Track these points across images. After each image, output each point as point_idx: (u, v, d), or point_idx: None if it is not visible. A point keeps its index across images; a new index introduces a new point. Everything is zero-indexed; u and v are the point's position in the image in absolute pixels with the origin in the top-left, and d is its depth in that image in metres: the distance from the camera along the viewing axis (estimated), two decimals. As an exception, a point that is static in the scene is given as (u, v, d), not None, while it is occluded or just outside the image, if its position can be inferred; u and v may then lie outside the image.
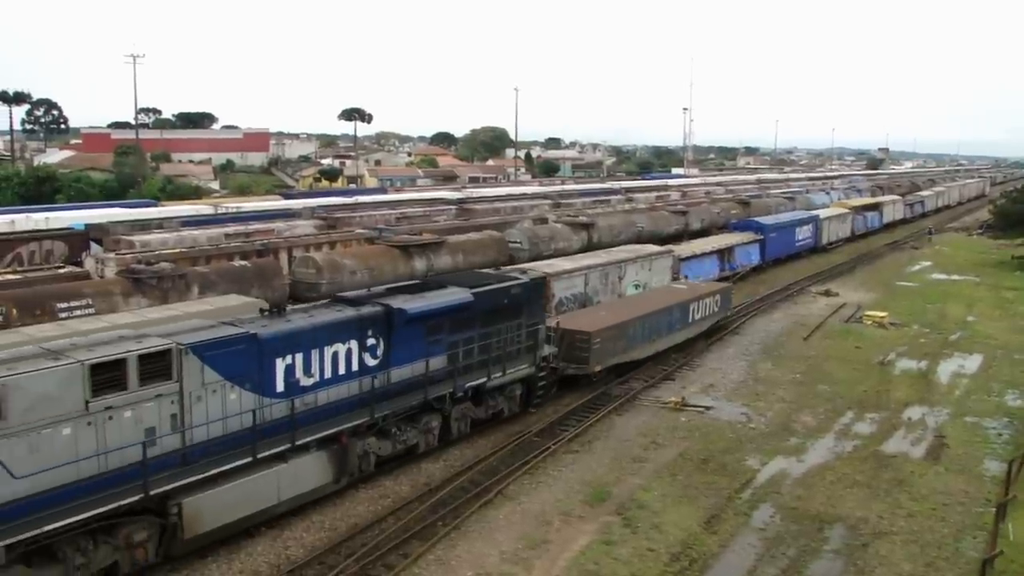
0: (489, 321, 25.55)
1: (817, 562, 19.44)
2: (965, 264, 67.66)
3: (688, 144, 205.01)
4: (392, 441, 22.97)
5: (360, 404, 21.78)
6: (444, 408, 24.52)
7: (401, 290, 24.78)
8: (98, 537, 16.62)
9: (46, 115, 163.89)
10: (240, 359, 18.80)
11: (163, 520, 17.58)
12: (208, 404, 18.25)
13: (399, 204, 63.79)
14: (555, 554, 19.31)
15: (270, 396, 19.55)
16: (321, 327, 20.83)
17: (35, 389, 15.31)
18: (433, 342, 23.77)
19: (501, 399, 26.95)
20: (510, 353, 26.41)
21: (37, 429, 15.38)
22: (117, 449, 16.55)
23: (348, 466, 21.58)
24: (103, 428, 16.36)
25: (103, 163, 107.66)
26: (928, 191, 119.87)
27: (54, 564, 15.93)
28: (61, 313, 26.06)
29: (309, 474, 20.51)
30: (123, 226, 43.31)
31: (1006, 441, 27.31)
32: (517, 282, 27.27)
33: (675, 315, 36.03)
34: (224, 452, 18.44)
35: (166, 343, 17.49)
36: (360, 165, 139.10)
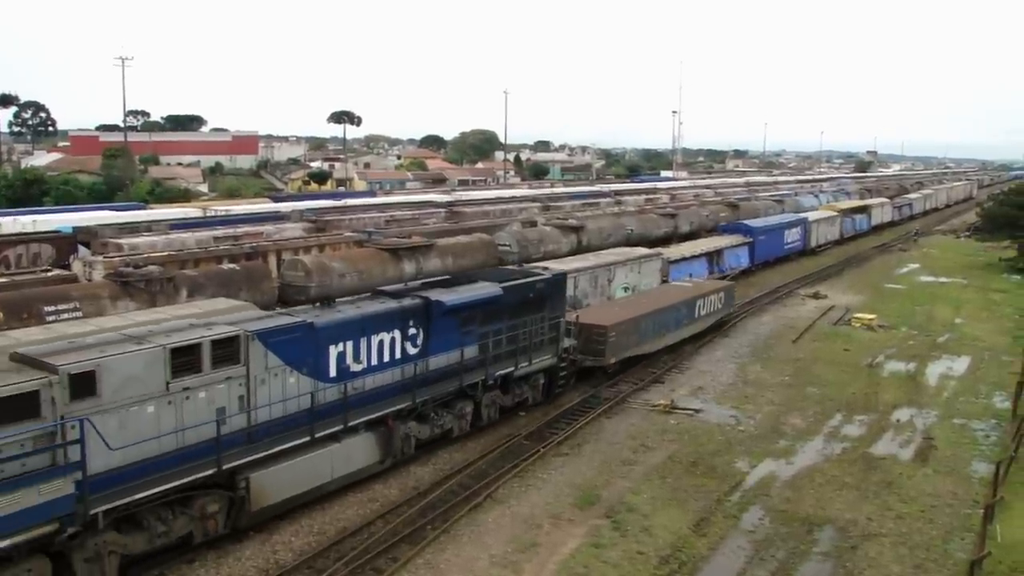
0: (516, 314, 26.97)
1: (806, 564, 19.48)
2: (953, 266, 67.95)
3: (677, 147, 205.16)
4: (430, 425, 24.47)
5: (402, 390, 23.32)
6: (476, 395, 26.04)
7: (435, 284, 26.44)
8: (176, 508, 18.04)
9: (34, 117, 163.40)
10: (298, 346, 20.30)
11: (232, 493, 19.02)
12: (270, 387, 19.76)
13: (388, 207, 63.62)
14: (544, 557, 19.29)
15: (324, 380, 21.06)
16: (368, 317, 22.41)
17: (124, 370, 16.74)
18: (466, 333, 25.23)
19: (526, 388, 28.44)
20: (535, 344, 27.85)
21: (126, 406, 16.84)
22: (193, 427, 18.00)
23: (393, 448, 23.14)
24: (181, 407, 17.85)
25: (91, 166, 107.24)
26: (916, 194, 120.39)
27: (139, 532, 17.44)
28: (48, 316, 25.90)
29: (359, 454, 22.11)
30: (111, 229, 43.07)
31: (994, 443, 27.42)
32: (541, 277, 28.86)
33: (683, 311, 37.73)
34: (284, 432, 19.97)
35: (235, 330, 19.04)
36: (349, 168, 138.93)
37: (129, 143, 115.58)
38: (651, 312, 35.25)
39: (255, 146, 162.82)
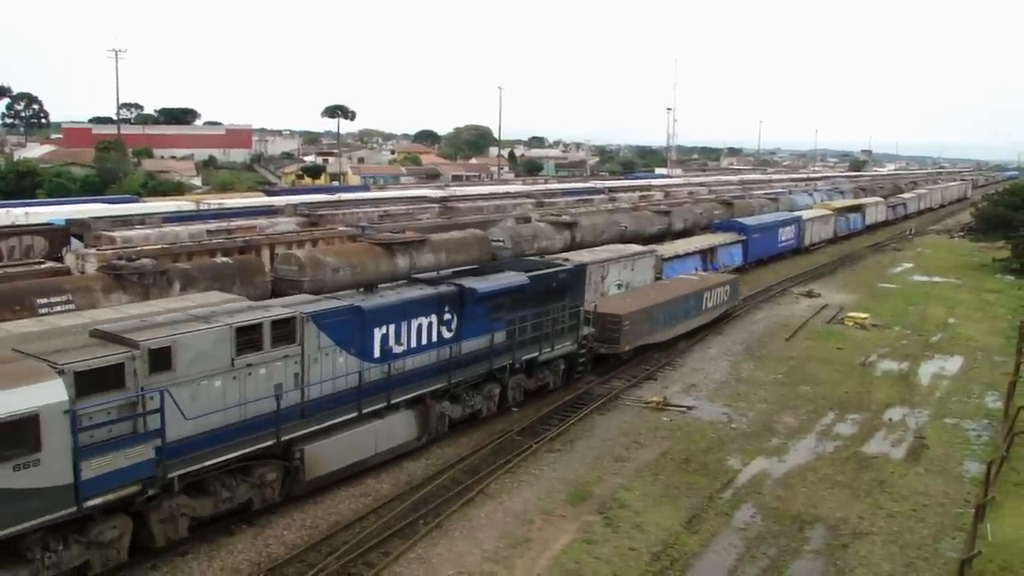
0: (540, 302, 28.26)
1: (798, 562, 19.51)
2: (946, 266, 68.10)
3: (672, 144, 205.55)
4: (462, 405, 26.03)
5: (438, 371, 24.67)
6: (503, 378, 27.46)
7: (466, 273, 27.54)
8: (238, 476, 19.44)
9: (26, 109, 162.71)
10: (347, 328, 21.74)
11: (287, 464, 20.42)
12: (322, 365, 21.14)
13: (382, 202, 63.54)
14: (536, 553, 19.30)
15: (369, 360, 22.45)
16: (409, 302, 23.80)
17: (195, 346, 18.09)
18: (495, 319, 26.55)
19: (548, 372, 29.85)
20: (557, 331, 29.23)
21: (197, 380, 18.17)
22: (254, 400, 19.34)
23: (429, 425, 24.55)
24: (244, 382, 19.18)
25: (84, 158, 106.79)
26: (910, 193, 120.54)
27: (207, 496, 18.84)
28: (41, 309, 25.85)
29: (400, 430, 23.57)
30: (104, 222, 42.94)
31: (985, 443, 27.49)
32: (563, 268, 30.17)
33: (691, 303, 39.40)
34: (334, 407, 21.38)
35: (292, 311, 20.45)
36: (343, 162, 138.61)
37: (122, 136, 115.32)
38: (662, 303, 36.84)
39: (249, 140, 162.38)
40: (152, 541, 17.97)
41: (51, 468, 15.35)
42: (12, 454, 14.79)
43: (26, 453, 14.97)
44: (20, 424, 14.85)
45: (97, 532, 16.74)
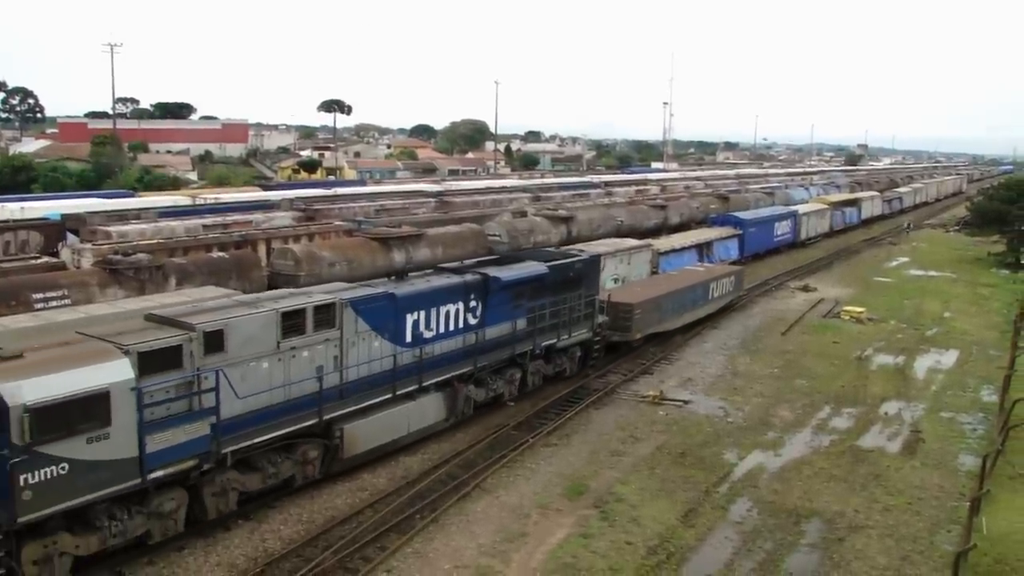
0: (558, 291, 29.23)
1: (794, 556, 19.55)
2: (942, 260, 68.19)
3: (668, 139, 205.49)
4: (486, 389, 27.13)
5: (464, 356, 25.71)
6: (524, 363, 28.51)
7: (488, 263, 28.83)
8: (282, 453, 20.54)
9: (22, 104, 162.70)
10: (382, 313, 22.78)
11: (327, 442, 21.52)
12: (359, 349, 22.18)
13: (378, 196, 63.45)
14: (533, 547, 19.33)
15: (402, 345, 23.47)
16: (438, 290, 24.83)
17: (245, 330, 19.14)
18: (517, 307, 27.58)
19: (564, 359, 30.85)
20: (574, 319, 30.23)
21: (246, 361, 19.18)
22: (298, 382, 20.37)
23: (456, 408, 25.68)
24: (289, 364, 20.20)
25: (80, 153, 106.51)
26: (906, 187, 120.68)
27: (255, 472, 19.96)
28: (37, 304, 25.79)
29: (430, 411, 24.76)
30: (100, 216, 42.84)
31: (981, 436, 27.55)
32: (579, 258, 31.24)
33: (698, 292, 40.70)
34: (370, 389, 22.49)
35: (332, 297, 21.49)
36: (339, 157, 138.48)
37: (118, 130, 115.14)
38: (671, 292, 38.18)
39: (245, 134, 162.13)
40: (204, 514, 19.00)
41: (119, 442, 16.53)
42: (86, 427, 15.95)
43: (98, 427, 16.14)
44: (93, 400, 15.98)
45: (157, 503, 17.84)
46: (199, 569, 18.01)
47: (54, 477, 15.58)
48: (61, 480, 15.69)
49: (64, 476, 15.70)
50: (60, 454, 15.61)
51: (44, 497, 15.54)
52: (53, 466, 15.55)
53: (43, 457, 15.40)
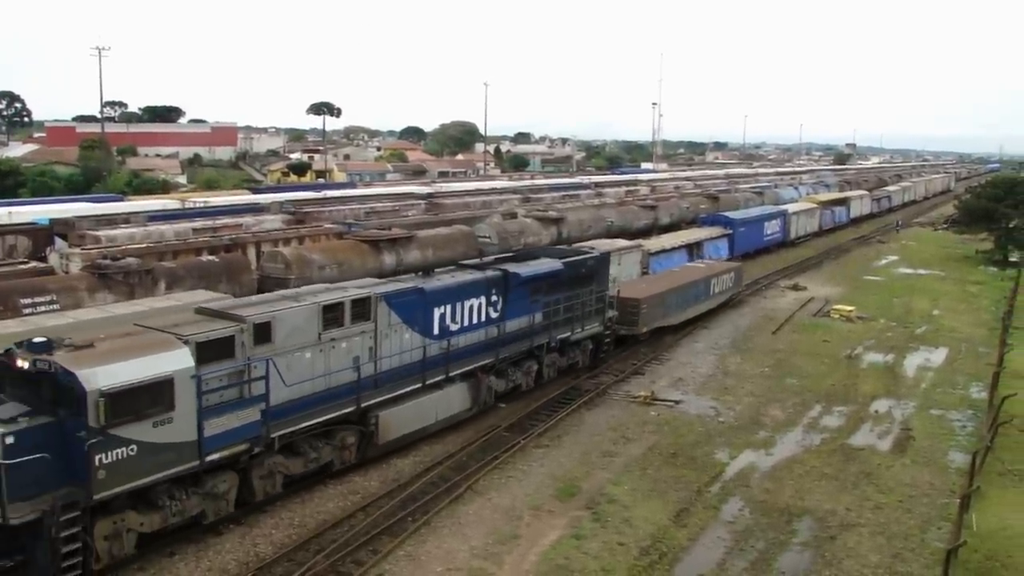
0: (572, 286, 30.44)
1: (786, 554, 19.59)
2: (931, 258, 68.46)
3: (657, 139, 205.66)
4: (506, 380, 28.23)
5: (486, 348, 26.89)
6: (540, 356, 29.70)
7: (507, 259, 30.19)
8: (322, 439, 21.74)
9: (9, 108, 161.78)
10: (412, 307, 23.97)
11: (363, 428, 22.74)
12: (391, 340, 23.36)
13: (368, 199, 63.35)
14: (525, 548, 19.32)
15: (430, 337, 24.61)
16: (462, 285, 25.98)
17: (290, 322, 20.35)
18: (534, 302, 28.65)
19: (577, 352, 32.07)
20: (586, 313, 31.38)
21: (291, 352, 20.34)
22: (337, 371, 21.57)
23: (480, 397, 26.84)
24: (328, 355, 21.39)
25: (68, 157, 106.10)
26: (894, 186, 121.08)
27: (297, 457, 21.10)
28: (25, 309, 25.67)
29: (456, 400, 25.95)
30: (88, 221, 42.68)
31: (970, 433, 27.66)
32: (591, 255, 32.49)
33: (700, 288, 42.07)
34: (401, 379, 23.65)
35: (367, 292, 22.79)
36: (329, 159, 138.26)
37: (106, 134, 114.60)
38: (675, 288, 39.52)
39: (234, 137, 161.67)
40: (252, 495, 20.14)
41: (181, 426, 17.68)
42: (152, 412, 17.11)
43: (163, 412, 17.30)
44: (159, 386, 17.16)
45: (212, 485, 18.93)
46: (190, 574, 17.93)
47: (124, 458, 16.71)
48: (130, 461, 16.81)
49: (133, 457, 16.85)
50: (130, 436, 16.74)
51: (116, 476, 16.63)
52: (123, 448, 16.67)
53: (115, 439, 16.49)
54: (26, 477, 15.75)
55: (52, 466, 16.06)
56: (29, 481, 15.80)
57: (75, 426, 16.19)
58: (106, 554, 17.17)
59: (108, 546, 17.17)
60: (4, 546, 16.03)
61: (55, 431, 16.24)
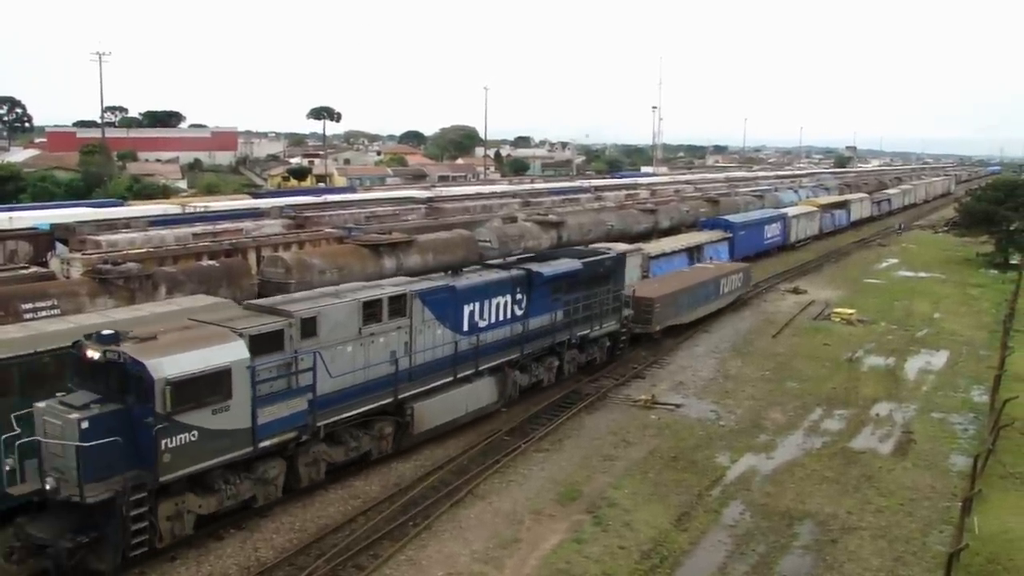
0: (591, 285, 31.55)
1: (787, 558, 19.58)
2: (931, 261, 68.42)
3: (657, 143, 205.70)
4: (529, 375, 29.45)
5: (511, 344, 28.01)
6: (561, 352, 30.76)
7: (529, 259, 31.21)
8: (362, 429, 22.89)
9: (9, 113, 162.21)
10: (444, 304, 25.08)
11: (399, 419, 23.83)
12: (425, 336, 24.50)
13: (368, 203, 63.28)
14: (526, 553, 19.31)
15: (460, 333, 25.76)
16: (490, 283, 27.18)
17: (334, 317, 21.54)
18: (556, 300, 29.76)
19: (595, 349, 33.08)
20: (604, 312, 32.54)
21: (334, 345, 21.52)
22: (376, 364, 22.75)
23: (506, 391, 27.99)
24: (368, 349, 22.57)
25: (68, 162, 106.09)
26: (895, 189, 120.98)
27: (339, 445, 22.28)
28: (26, 314, 25.64)
29: (484, 394, 27.11)
30: (89, 226, 42.61)
31: (972, 436, 27.64)
32: (608, 256, 33.74)
33: (710, 288, 43.33)
34: (434, 372, 24.82)
35: (403, 289, 23.99)
36: (329, 164, 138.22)
37: (107, 139, 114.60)
38: (687, 288, 40.76)
39: (234, 142, 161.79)
40: (298, 482, 21.23)
41: (238, 414, 18.83)
42: (212, 400, 18.25)
43: (221, 400, 18.43)
44: (218, 375, 18.29)
45: (263, 471, 20.09)
46: (191, 579, 17.95)
47: (187, 443, 17.84)
48: (192, 446, 17.94)
49: (194, 442, 17.97)
50: (192, 423, 17.87)
51: (179, 460, 17.77)
52: (186, 433, 17.79)
53: (179, 425, 17.63)
54: (100, 460, 16.83)
55: (122, 450, 17.18)
56: (102, 463, 16.91)
57: (143, 412, 17.33)
58: (168, 534, 18.24)
59: (170, 526, 18.23)
60: (81, 523, 17.03)
61: (124, 417, 17.36)
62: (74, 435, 16.66)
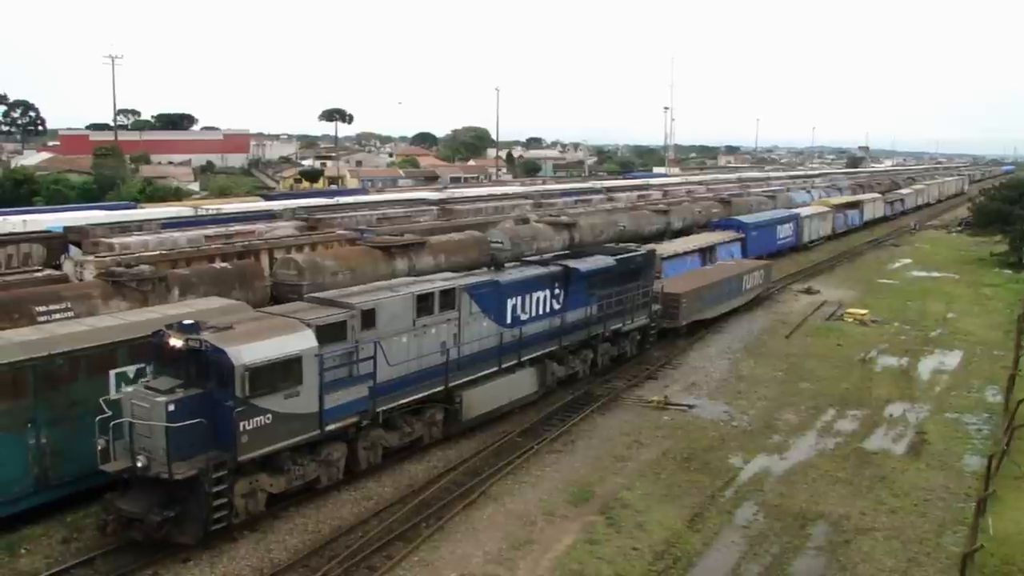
0: (623, 281, 32.74)
1: (800, 559, 19.54)
2: (944, 261, 68.12)
3: (669, 143, 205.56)
4: (566, 367, 30.56)
5: (550, 337, 29.23)
6: (595, 345, 31.97)
7: (565, 256, 32.80)
8: (414, 416, 24.18)
9: (23, 116, 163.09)
10: (489, 298, 26.38)
11: (448, 407, 25.13)
12: (472, 328, 25.73)
13: (380, 205, 63.34)
14: (539, 554, 19.32)
15: (504, 325, 26.99)
16: (530, 278, 28.50)
17: (390, 309, 22.89)
18: (591, 295, 30.99)
19: (627, 342, 34.33)
20: (635, 307, 33.80)
21: (391, 336, 22.79)
22: (428, 354, 24.02)
23: (545, 382, 29.20)
24: (421, 339, 23.89)
25: (81, 165, 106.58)
26: (908, 189, 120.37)
27: (395, 431, 23.59)
28: (40, 317, 25.73)
29: (526, 383, 28.33)
30: (102, 228, 42.77)
31: (986, 437, 27.52)
32: (639, 253, 35.21)
33: (734, 284, 44.68)
34: (481, 362, 26.13)
35: (453, 284, 25.32)
36: (341, 166, 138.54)
37: (119, 142, 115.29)
38: (711, 284, 42.13)
39: (246, 144, 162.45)
40: (357, 464, 22.49)
41: (307, 399, 20.08)
42: (285, 385, 19.47)
43: (293, 385, 19.66)
44: (290, 363, 19.55)
45: (327, 453, 21.39)
46: (205, 580, 18.01)
47: (262, 425, 19.05)
48: (266, 428, 19.17)
49: (268, 425, 19.19)
50: (267, 407, 19.11)
51: (255, 441, 18.98)
52: (262, 416, 19.01)
53: (255, 408, 18.86)
54: (185, 440, 18.07)
55: (204, 431, 18.38)
56: (187, 443, 18.13)
57: (223, 396, 18.56)
58: (243, 510, 19.46)
59: (245, 503, 19.44)
60: (165, 499, 18.26)
61: (205, 401, 18.57)
62: (161, 417, 17.92)
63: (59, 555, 18.77)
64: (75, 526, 19.87)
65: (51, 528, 19.77)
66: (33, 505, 19.74)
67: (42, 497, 19.86)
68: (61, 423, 19.97)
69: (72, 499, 20.47)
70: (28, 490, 19.55)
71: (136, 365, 21.21)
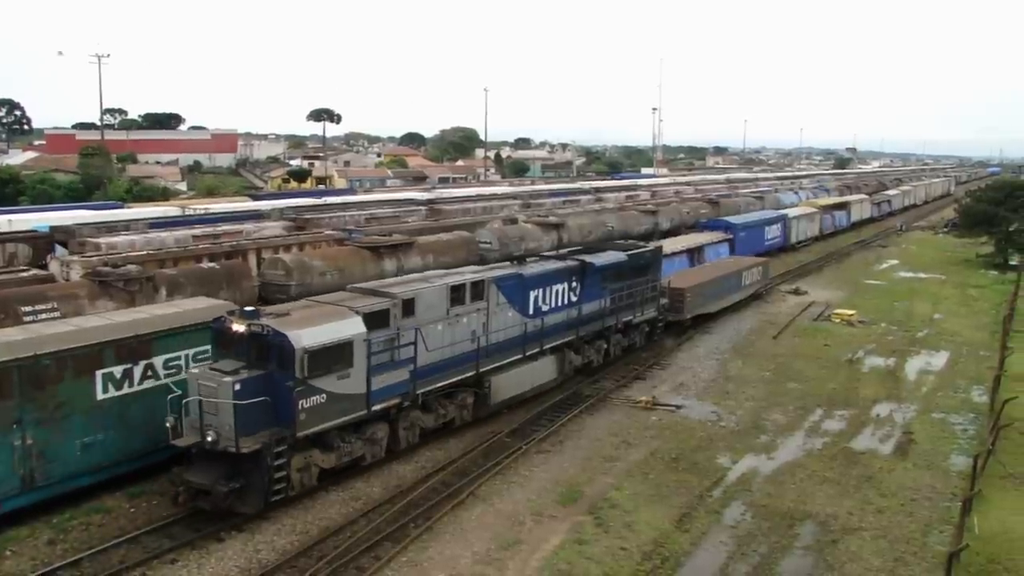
0: (633, 276, 34.44)
1: (788, 559, 19.59)
2: (931, 262, 68.40)
3: (658, 144, 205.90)
4: (582, 356, 32.20)
5: (568, 327, 30.71)
6: (608, 336, 33.61)
7: (580, 252, 33.99)
8: (447, 399, 25.77)
9: (8, 116, 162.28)
10: (514, 289, 27.85)
11: (477, 391, 26.73)
12: (499, 318, 27.20)
13: (368, 205, 63.26)
14: (527, 554, 19.32)
15: (526, 316, 28.47)
16: (550, 272, 29.99)
17: (428, 298, 24.30)
18: (604, 288, 32.53)
19: (636, 334, 36.00)
20: (644, 300, 35.49)
21: (428, 324, 24.17)
22: (460, 342, 25.47)
23: (564, 370, 30.82)
24: (454, 328, 25.29)
25: (68, 164, 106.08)
26: (895, 190, 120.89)
27: (430, 413, 25.20)
28: (26, 317, 25.60)
29: (547, 371, 29.93)
30: (89, 228, 42.59)
31: (972, 436, 27.65)
32: (648, 249, 36.88)
33: (734, 280, 46.59)
34: (507, 350, 27.62)
35: (482, 276, 26.80)
36: (329, 166, 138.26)
37: (106, 141, 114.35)
38: (714, 280, 44.06)
39: (234, 144, 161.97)
40: (397, 444, 23.98)
41: (356, 380, 21.61)
42: (338, 367, 20.99)
43: (344, 367, 21.19)
44: (343, 346, 21.12)
45: (371, 432, 22.96)
46: (193, 581, 17.95)
47: (317, 404, 20.57)
48: (321, 407, 20.69)
49: (323, 404, 20.72)
50: (322, 387, 20.64)
51: (312, 419, 20.54)
52: (318, 396, 20.57)
53: (312, 388, 20.40)
54: (249, 417, 19.49)
55: (266, 409, 19.80)
56: (251, 420, 19.54)
57: (283, 377, 19.98)
58: (299, 484, 20.94)
59: (300, 477, 20.92)
60: (229, 472, 19.64)
61: (267, 381, 19.96)
62: (229, 395, 19.34)
63: (45, 557, 18.68)
64: (61, 527, 19.79)
65: (37, 529, 19.67)
66: (19, 506, 19.64)
67: (28, 498, 19.78)
68: (47, 424, 19.89)
69: (58, 500, 20.41)
70: (14, 491, 19.44)
71: (123, 365, 21.29)
